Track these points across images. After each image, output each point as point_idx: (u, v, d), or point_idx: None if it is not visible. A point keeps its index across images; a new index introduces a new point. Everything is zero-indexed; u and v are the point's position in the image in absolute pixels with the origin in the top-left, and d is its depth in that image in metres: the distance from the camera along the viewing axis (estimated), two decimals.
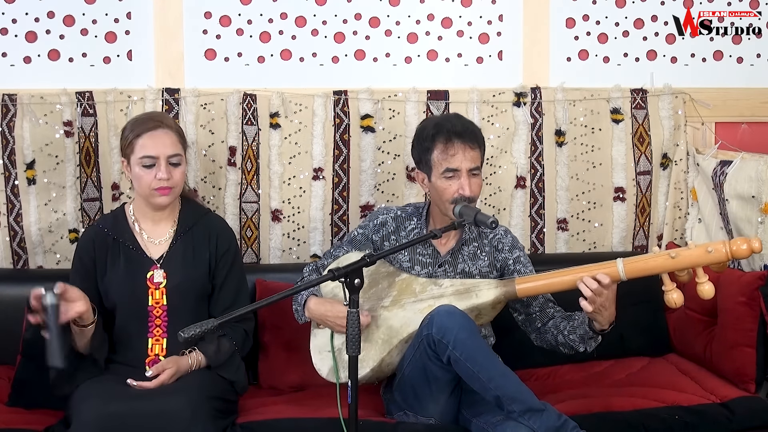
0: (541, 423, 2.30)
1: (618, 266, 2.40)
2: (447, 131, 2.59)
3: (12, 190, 3.03)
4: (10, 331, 2.81)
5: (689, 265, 2.37)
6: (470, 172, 2.58)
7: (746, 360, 2.76)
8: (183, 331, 2.00)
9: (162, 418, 2.33)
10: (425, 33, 3.25)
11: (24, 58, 3.09)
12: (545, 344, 2.63)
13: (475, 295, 2.52)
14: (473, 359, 2.35)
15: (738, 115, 3.35)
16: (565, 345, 2.56)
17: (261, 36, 3.18)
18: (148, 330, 2.61)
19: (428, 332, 2.39)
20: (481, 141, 2.65)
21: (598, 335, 2.49)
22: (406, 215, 2.76)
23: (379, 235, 2.73)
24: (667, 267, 2.38)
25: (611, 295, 2.40)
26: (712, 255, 2.34)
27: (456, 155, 2.57)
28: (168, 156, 2.58)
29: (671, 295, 2.40)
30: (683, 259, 2.36)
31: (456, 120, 2.66)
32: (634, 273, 2.41)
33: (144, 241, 2.66)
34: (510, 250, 2.71)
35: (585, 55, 3.32)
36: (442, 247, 2.70)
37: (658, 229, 3.33)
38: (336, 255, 2.73)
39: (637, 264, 2.41)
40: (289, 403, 2.71)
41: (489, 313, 2.55)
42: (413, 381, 2.49)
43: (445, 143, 2.58)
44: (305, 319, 2.66)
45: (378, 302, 2.58)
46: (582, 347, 2.53)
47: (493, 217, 2.40)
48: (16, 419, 2.54)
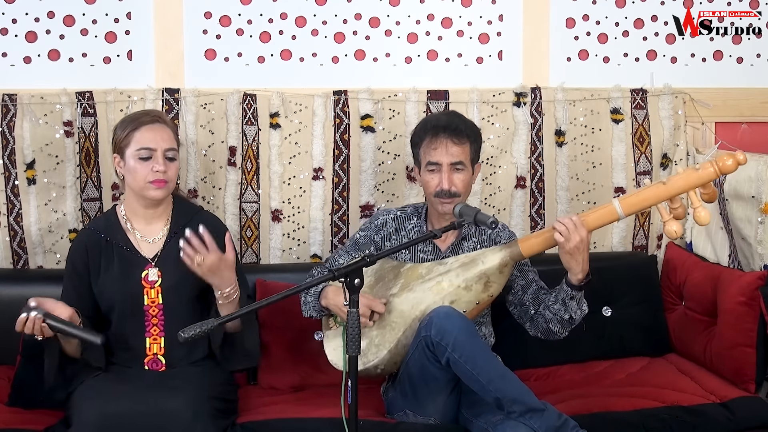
0: (542, 423, 2.30)
1: (614, 204, 2.44)
2: (432, 126, 2.66)
3: (12, 190, 3.03)
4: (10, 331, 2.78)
5: (681, 189, 2.39)
6: (452, 166, 2.61)
7: (746, 360, 2.77)
8: (183, 331, 2.00)
9: (162, 417, 2.33)
10: (425, 33, 3.25)
11: (24, 58, 3.09)
12: (539, 331, 2.62)
13: (481, 262, 2.52)
14: (472, 361, 2.35)
15: (738, 115, 3.35)
16: (552, 320, 2.55)
17: (261, 36, 3.18)
18: (145, 329, 2.61)
19: (426, 334, 2.39)
20: (471, 137, 2.66)
21: (578, 291, 2.49)
22: (406, 215, 2.77)
23: (380, 235, 2.75)
24: (661, 195, 2.40)
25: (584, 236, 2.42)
26: (700, 173, 2.37)
27: (438, 149, 2.62)
28: (165, 149, 2.60)
29: (670, 226, 2.41)
30: (674, 183, 2.39)
31: (445, 116, 2.73)
32: (631, 208, 2.44)
33: (137, 241, 2.66)
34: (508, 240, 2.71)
35: (585, 55, 3.32)
36: (442, 244, 2.72)
37: (658, 229, 3.33)
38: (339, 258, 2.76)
39: (631, 198, 2.44)
40: (289, 403, 2.72)
41: (497, 278, 2.53)
42: (412, 381, 2.49)
43: (430, 138, 2.65)
44: (313, 312, 2.66)
45: (387, 292, 2.59)
46: (566, 314, 2.52)
47: (493, 217, 2.41)
48: (16, 419, 2.54)
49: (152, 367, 2.60)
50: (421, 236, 2.40)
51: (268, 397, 2.79)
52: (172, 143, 2.63)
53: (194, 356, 2.63)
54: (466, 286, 2.50)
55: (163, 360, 2.60)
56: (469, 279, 2.51)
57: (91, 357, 2.53)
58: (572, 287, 2.49)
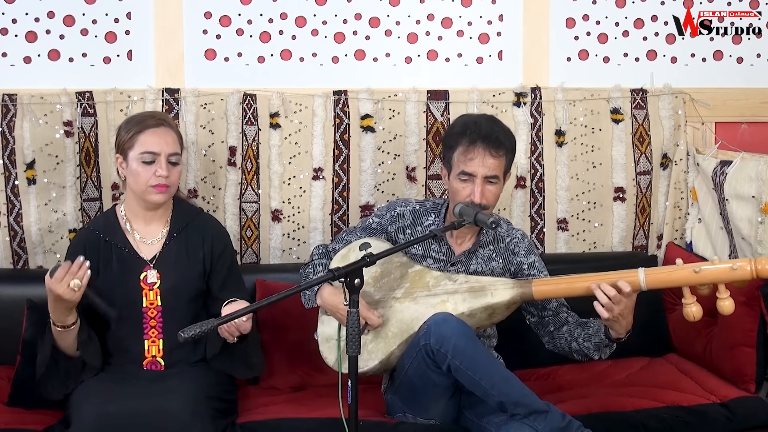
0: (546, 424, 2.29)
1: (639, 276, 2.36)
2: (471, 132, 2.53)
3: (12, 190, 3.03)
4: (10, 331, 2.81)
5: (712, 281, 2.33)
6: (486, 179, 2.51)
7: (746, 360, 2.77)
8: (183, 331, 1.99)
9: (161, 417, 2.33)
10: (425, 33, 3.25)
11: (24, 58, 3.09)
12: (558, 349, 2.60)
13: (491, 294, 2.47)
14: (474, 367, 2.33)
15: (738, 115, 3.35)
16: (579, 352, 2.52)
17: (261, 36, 3.18)
18: (144, 331, 2.61)
19: (426, 342, 2.37)
20: (509, 147, 2.56)
21: (614, 343, 2.45)
22: (425, 210, 2.71)
23: (395, 226, 2.69)
24: (690, 281, 2.34)
25: (630, 303, 2.36)
26: (736, 272, 2.29)
27: (474, 159, 2.51)
28: (168, 154, 2.59)
29: (690, 308, 2.35)
30: (707, 275, 2.31)
31: (486, 123, 2.57)
32: (655, 284, 2.37)
33: (136, 242, 2.66)
34: (525, 254, 2.67)
35: (585, 55, 3.32)
36: (457, 247, 2.66)
37: (658, 229, 3.34)
38: (348, 240, 2.71)
39: (659, 275, 2.36)
40: (289, 403, 2.72)
41: (503, 312, 2.50)
42: (413, 388, 2.47)
43: (467, 145, 2.53)
44: (312, 304, 2.63)
45: (390, 293, 2.56)
46: (597, 355, 2.49)
47: (492, 217, 2.39)
48: (16, 419, 2.54)
49: (151, 368, 2.60)
50: (421, 236, 2.39)
51: (267, 397, 2.79)
52: (176, 148, 2.63)
53: (193, 358, 2.63)
54: (470, 313, 2.47)
55: (162, 362, 2.60)
56: (474, 308, 2.47)
57: (88, 355, 2.53)
58: (610, 339, 2.44)
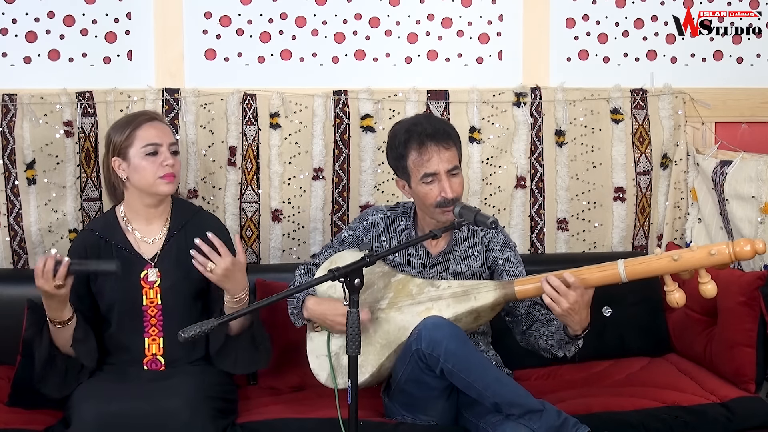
0: (542, 423, 2.30)
1: (619, 267, 2.37)
2: (418, 134, 2.53)
3: (12, 190, 3.03)
4: (10, 331, 2.81)
5: (692, 267, 2.34)
6: (449, 173, 2.52)
7: (746, 360, 2.76)
8: (183, 332, 2.00)
9: (161, 417, 2.34)
10: (425, 33, 3.25)
11: (24, 58, 3.09)
12: (529, 347, 2.61)
13: (474, 298, 2.49)
14: (467, 370, 2.34)
15: (738, 115, 3.35)
16: (545, 350, 2.53)
17: (261, 36, 3.18)
18: (144, 330, 2.61)
19: (418, 347, 2.37)
20: (456, 138, 2.58)
21: (575, 340, 2.45)
22: (396, 216, 2.72)
23: (370, 236, 2.71)
24: (670, 269, 2.34)
25: (581, 299, 2.33)
26: (714, 257, 2.30)
27: (431, 159, 2.51)
28: (169, 143, 2.63)
29: (673, 295, 2.36)
30: (685, 261, 2.32)
31: (426, 121, 2.58)
32: (635, 275, 2.37)
33: (137, 241, 2.66)
34: (501, 249, 2.67)
35: (585, 55, 3.32)
36: (432, 248, 2.67)
37: (658, 229, 3.33)
38: (328, 255, 2.72)
39: (638, 266, 2.37)
40: (289, 403, 2.72)
41: (488, 314, 2.52)
42: (410, 392, 2.47)
43: (418, 148, 2.52)
44: (302, 322, 2.64)
45: (375, 304, 2.57)
46: (560, 353, 2.49)
47: (493, 217, 2.38)
48: (16, 419, 2.54)
49: (151, 367, 2.60)
50: (422, 236, 2.39)
51: (268, 397, 2.79)
52: (174, 138, 2.68)
53: (193, 356, 2.63)
54: (455, 318, 2.47)
55: (162, 360, 2.61)
56: (459, 313, 2.48)
57: (81, 354, 2.53)
58: (569, 336, 2.43)
